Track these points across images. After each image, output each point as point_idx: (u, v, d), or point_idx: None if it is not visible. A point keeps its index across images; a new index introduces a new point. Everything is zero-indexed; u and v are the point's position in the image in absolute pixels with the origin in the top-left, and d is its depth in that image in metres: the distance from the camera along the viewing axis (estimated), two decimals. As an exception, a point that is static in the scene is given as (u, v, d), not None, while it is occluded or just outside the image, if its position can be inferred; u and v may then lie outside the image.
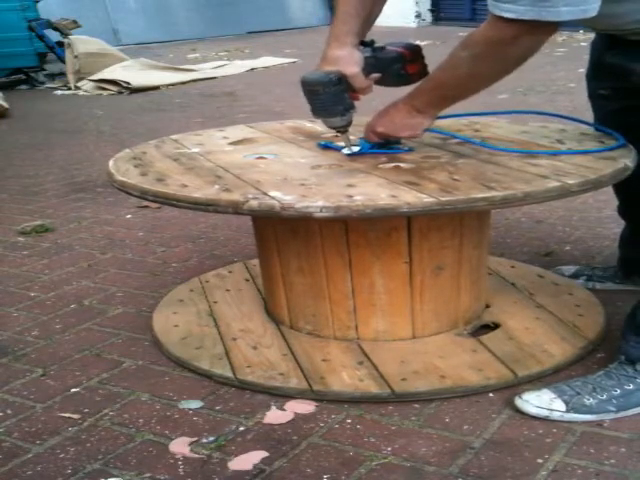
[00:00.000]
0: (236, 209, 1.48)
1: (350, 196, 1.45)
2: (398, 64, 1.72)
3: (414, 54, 1.74)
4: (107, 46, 7.70)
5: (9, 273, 2.54)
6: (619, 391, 1.53)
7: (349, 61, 1.65)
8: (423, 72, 1.74)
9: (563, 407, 1.52)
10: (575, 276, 2.17)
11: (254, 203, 1.47)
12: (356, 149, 1.77)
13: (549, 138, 1.84)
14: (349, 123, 1.72)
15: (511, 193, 1.44)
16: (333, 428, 1.54)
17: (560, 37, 8.90)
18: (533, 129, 1.94)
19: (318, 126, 2.10)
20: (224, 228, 2.90)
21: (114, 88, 6.87)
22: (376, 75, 1.70)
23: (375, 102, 1.91)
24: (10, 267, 2.60)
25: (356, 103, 1.71)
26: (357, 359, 1.75)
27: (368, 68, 1.68)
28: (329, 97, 1.65)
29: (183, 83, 7.20)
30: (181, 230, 2.92)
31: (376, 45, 1.72)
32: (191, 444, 1.51)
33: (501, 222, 2.77)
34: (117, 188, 1.73)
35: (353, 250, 1.74)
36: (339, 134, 1.77)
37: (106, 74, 7.02)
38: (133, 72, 7.09)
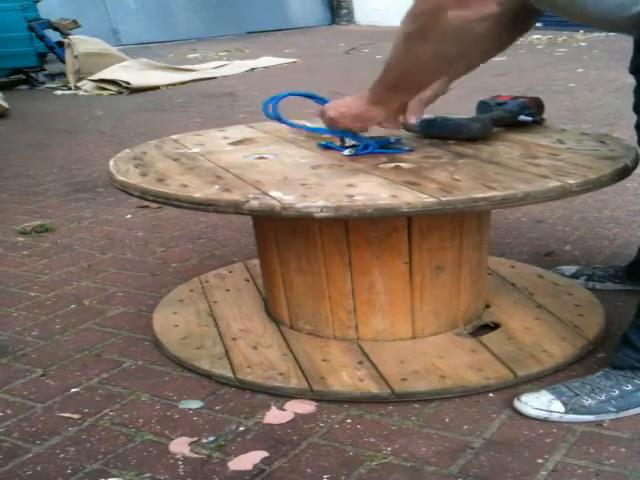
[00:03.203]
0: (236, 209, 1.48)
1: (350, 196, 1.45)
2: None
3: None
4: (107, 46, 7.71)
5: (9, 273, 2.54)
6: (617, 392, 1.53)
7: None
8: None
9: (562, 408, 1.52)
10: (575, 276, 2.17)
11: (255, 203, 1.47)
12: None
13: (549, 138, 1.84)
14: None
15: (511, 193, 1.44)
16: (333, 428, 1.54)
17: (560, 37, 8.91)
18: (533, 129, 1.93)
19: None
20: (224, 228, 2.90)
21: (114, 88, 6.87)
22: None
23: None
24: (10, 267, 2.60)
25: None
26: (357, 359, 1.75)
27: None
28: None
29: (183, 83, 7.21)
30: (181, 230, 2.92)
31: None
32: (191, 444, 1.51)
33: (501, 222, 2.77)
34: (117, 188, 1.73)
35: (353, 250, 1.74)
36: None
37: (106, 74, 7.03)
38: (133, 72, 7.10)
